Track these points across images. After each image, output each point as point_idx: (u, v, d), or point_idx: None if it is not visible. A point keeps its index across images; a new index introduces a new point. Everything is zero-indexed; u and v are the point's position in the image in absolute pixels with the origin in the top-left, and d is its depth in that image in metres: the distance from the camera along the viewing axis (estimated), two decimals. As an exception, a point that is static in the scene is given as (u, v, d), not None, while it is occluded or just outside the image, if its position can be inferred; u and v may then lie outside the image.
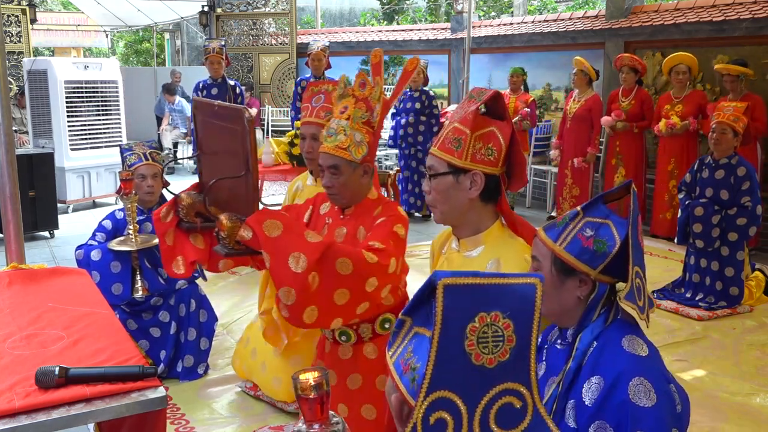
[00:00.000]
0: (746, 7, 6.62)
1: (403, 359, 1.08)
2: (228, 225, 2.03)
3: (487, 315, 1.01)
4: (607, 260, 1.55)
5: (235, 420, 3.13)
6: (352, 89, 2.35)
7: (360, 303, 2.10)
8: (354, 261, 2.03)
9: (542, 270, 1.63)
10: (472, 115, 1.87)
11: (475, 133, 1.87)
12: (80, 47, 23.85)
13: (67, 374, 1.60)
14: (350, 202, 2.38)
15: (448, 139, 1.90)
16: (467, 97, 1.99)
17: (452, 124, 1.92)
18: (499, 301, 1.02)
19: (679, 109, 6.15)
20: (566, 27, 8.24)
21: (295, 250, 1.95)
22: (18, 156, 3.73)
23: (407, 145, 7.26)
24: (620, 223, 1.58)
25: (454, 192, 1.90)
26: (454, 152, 1.88)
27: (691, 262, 4.72)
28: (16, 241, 3.07)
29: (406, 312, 1.11)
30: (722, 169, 4.48)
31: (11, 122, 3.09)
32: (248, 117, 1.98)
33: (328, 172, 2.30)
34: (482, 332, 1.00)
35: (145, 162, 3.42)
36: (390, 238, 2.18)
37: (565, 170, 7.04)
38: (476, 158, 1.88)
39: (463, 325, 1.00)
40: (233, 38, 11.40)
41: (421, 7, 19.60)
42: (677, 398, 1.50)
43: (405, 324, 1.12)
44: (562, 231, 1.61)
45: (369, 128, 2.32)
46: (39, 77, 7.56)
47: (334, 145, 2.28)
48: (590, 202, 1.64)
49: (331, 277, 2.00)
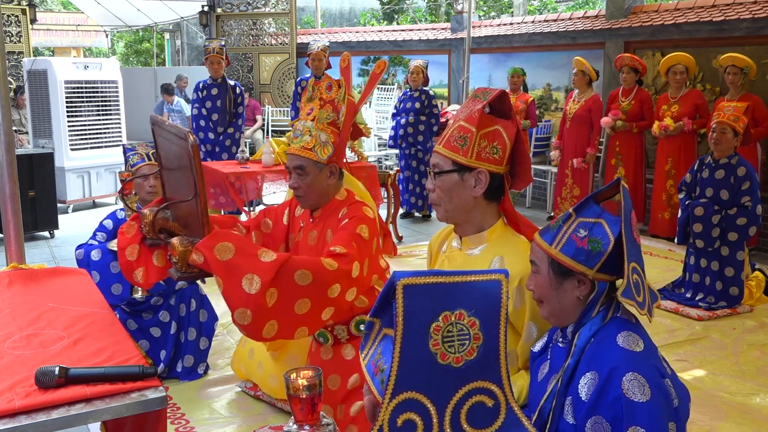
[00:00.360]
0: (746, 7, 6.62)
1: (374, 361, 1.09)
2: (179, 249, 2.00)
3: (451, 314, 1.00)
4: (603, 259, 1.56)
5: (235, 420, 3.13)
6: (319, 92, 2.35)
7: (323, 309, 2.08)
8: (313, 271, 2.01)
9: (540, 273, 1.64)
10: (477, 114, 1.88)
11: (480, 132, 1.88)
12: (80, 47, 23.86)
13: (67, 374, 1.60)
14: (317, 204, 2.37)
15: (454, 137, 1.90)
16: (472, 97, 1.99)
17: (457, 122, 1.92)
18: (463, 300, 1.01)
19: (675, 109, 6.15)
20: (566, 27, 8.24)
21: (249, 271, 1.93)
22: (18, 156, 3.73)
23: (407, 144, 7.27)
24: (613, 221, 1.59)
25: (459, 190, 1.91)
26: (459, 150, 1.89)
27: (691, 262, 4.72)
28: (16, 241, 3.07)
29: (373, 314, 1.11)
30: (722, 169, 4.48)
31: (11, 122, 3.09)
32: (191, 141, 1.94)
33: (295, 173, 2.31)
34: (447, 331, 1.00)
35: (147, 162, 3.40)
36: (353, 240, 2.16)
37: (565, 170, 7.04)
38: (481, 156, 1.89)
39: (427, 325, 0.99)
40: (233, 38, 11.40)
41: (421, 7, 19.60)
42: (673, 393, 1.50)
43: (374, 326, 1.12)
44: (556, 233, 1.62)
45: (334, 129, 2.31)
46: (39, 77, 7.56)
47: (300, 146, 2.28)
48: (582, 203, 1.65)
49: (290, 291, 1.98)
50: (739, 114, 4.45)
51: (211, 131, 6.80)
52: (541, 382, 1.70)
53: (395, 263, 5.63)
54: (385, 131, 9.73)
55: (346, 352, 2.49)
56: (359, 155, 6.10)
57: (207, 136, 6.81)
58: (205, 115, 6.78)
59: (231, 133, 6.87)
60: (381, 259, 2.44)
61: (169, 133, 2.13)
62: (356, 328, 2.44)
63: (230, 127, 6.86)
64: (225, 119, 6.83)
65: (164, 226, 2.20)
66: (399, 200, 6.57)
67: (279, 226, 2.52)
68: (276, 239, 2.51)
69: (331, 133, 2.30)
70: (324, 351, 2.52)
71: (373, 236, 2.26)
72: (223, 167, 5.90)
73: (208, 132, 6.80)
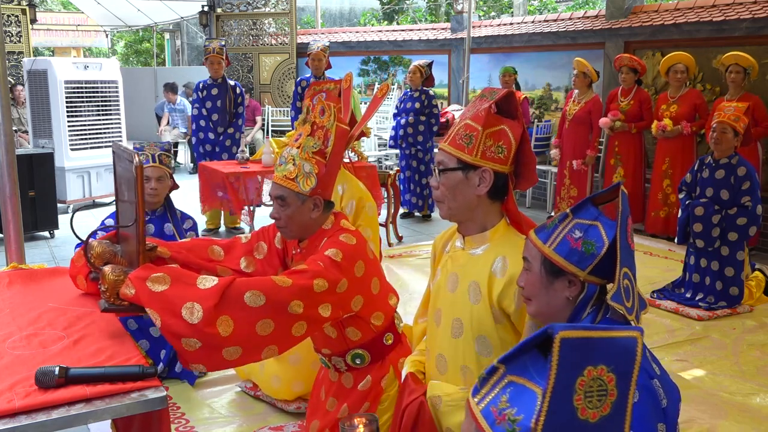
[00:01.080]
0: (746, 7, 6.62)
1: (496, 408, 1.06)
2: (110, 278, 1.89)
3: (594, 369, 1.00)
4: (595, 261, 1.57)
5: (235, 420, 3.13)
6: (313, 115, 2.23)
7: (291, 326, 1.97)
8: (263, 290, 1.91)
9: (532, 270, 1.66)
10: (484, 113, 1.89)
11: (486, 130, 1.89)
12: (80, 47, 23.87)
13: (67, 374, 1.60)
14: (299, 236, 2.26)
15: (459, 135, 1.91)
16: (479, 96, 2.00)
17: (464, 120, 1.93)
18: (605, 355, 1.01)
19: (674, 109, 6.15)
20: (566, 27, 8.24)
21: (188, 300, 1.82)
22: (18, 156, 3.73)
23: (407, 144, 7.27)
24: (609, 224, 1.59)
25: (463, 188, 1.92)
26: (464, 148, 1.89)
27: (691, 262, 4.72)
28: (16, 241, 3.08)
29: (502, 360, 1.09)
30: (722, 169, 4.48)
31: (11, 122, 3.09)
32: (137, 162, 1.87)
33: (276, 202, 2.19)
34: (589, 386, 1.00)
35: (151, 164, 3.37)
36: (318, 260, 2.07)
37: (563, 171, 7.04)
38: (486, 155, 1.89)
39: (574, 379, 0.99)
40: (233, 38, 11.40)
41: (421, 7, 19.60)
42: (662, 393, 1.50)
43: (497, 371, 1.10)
44: (551, 232, 1.63)
45: (320, 158, 2.17)
46: (39, 77, 7.56)
47: (282, 175, 2.16)
48: (579, 204, 1.65)
49: (244, 314, 1.87)
50: (739, 114, 4.45)
51: (211, 131, 6.80)
52: None
53: (395, 264, 5.63)
54: (385, 131, 9.72)
55: (345, 379, 2.49)
56: (359, 155, 6.10)
57: (207, 136, 6.81)
58: (205, 115, 6.78)
59: (231, 133, 6.87)
60: (375, 286, 2.29)
61: (124, 159, 2.03)
62: (353, 362, 2.42)
63: (230, 127, 6.86)
64: (225, 119, 6.83)
65: (111, 261, 2.10)
66: (399, 200, 6.57)
67: (273, 249, 2.38)
68: (273, 263, 2.37)
69: (316, 164, 2.15)
70: (331, 374, 2.54)
71: (351, 258, 2.13)
72: (223, 167, 5.90)
73: (208, 132, 6.80)
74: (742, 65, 5.68)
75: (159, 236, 3.33)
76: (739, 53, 5.76)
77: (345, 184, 3.14)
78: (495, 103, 1.90)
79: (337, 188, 3.14)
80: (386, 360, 2.44)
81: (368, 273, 2.22)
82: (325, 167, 2.18)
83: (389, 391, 2.43)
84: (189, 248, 2.27)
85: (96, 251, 2.09)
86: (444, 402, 1.97)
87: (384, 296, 2.39)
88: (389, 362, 2.44)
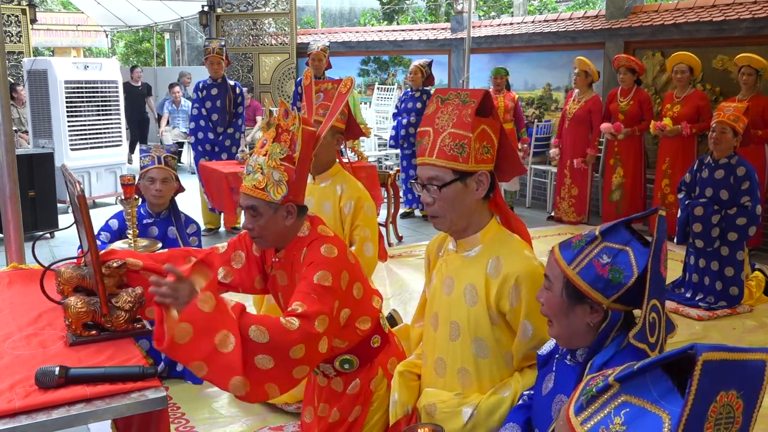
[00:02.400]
0: (746, 7, 6.62)
1: (607, 430, 0.99)
2: (73, 312, 1.85)
3: (726, 394, 0.93)
4: (621, 291, 1.47)
5: (235, 420, 3.13)
6: (277, 118, 2.15)
7: (294, 368, 1.93)
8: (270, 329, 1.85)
9: (553, 290, 1.57)
10: (471, 118, 1.87)
11: (475, 135, 1.88)
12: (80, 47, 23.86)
13: (67, 374, 1.60)
14: (275, 245, 2.21)
15: (448, 147, 1.88)
16: (438, 101, 1.94)
17: (447, 130, 1.89)
18: (738, 379, 0.94)
19: (678, 109, 6.15)
20: (566, 27, 8.24)
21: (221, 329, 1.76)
22: (18, 156, 3.73)
23: (409, 144, 7.26)
24: (641, 251, 1.48)
25: (463, 197, 1.90)
26: (458, 158, 1.87)
27: (690, 262, 4.72)
28: (16, 241, 3.07)
29: (618, 378, 1.01)
30: (722, 169, 4.48)
31: (11, 122, 3.09)
32: (78, 192, 1.81)
33: (247, 213, 2.13)
34: (719, 413, 0.93)
35: (156, 165, 3.36)
36: (312, 292, 2.01)
37: (563, 170, 7.04)
38: (478, 159, 1.89)
39: (707, 406, 0.92)
40: (233, 38, 11.39)
41: (421, 7, 19.60)
42: None
43: (610, 389, 1.02)
44: (577, 254, 1.52)
45: (289, 165, 2.10)
46: (39, 77, 7.56)
47: (251, 185, 2.10)
48: (611, 226, 1.54)
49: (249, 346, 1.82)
50: (739, 114, 4.45)
51: (210, 131, 6.80)
52: (545, 396, 1.65)
53: (395, 264, 5.63)
54: (385, 131, 9.72)
55: (335, 384, 2.48)
56: (359, 155, 6.10)
57: (207, 135, 6.81)
58: (205, 115, 6.78)
59: (231, 133, 6.87)
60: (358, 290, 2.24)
61: (69, 181, 1.96)
62: (341, 366, 2.39)
63: (230, 127, 6.86)
64: (225, 119, 6.82)
65: (81, 284, 2.06)
66: (399, 200, 6.57)
67: (251, 257, 2.32)
68: (251, 273, 2.31)
69: (285, 171, 2.09)
70: (320, 379, 2.53)
71: (338, 274, 2.08)
72: (223, 167, 5.91)
73: (208, 132, 6.80)
74: (754, 67, 5.69)
75: (162, 239, 3.33)
76: (752, 55, 5.77)
77: (343, 185, 3.13)
78: (477, 107, 1.88)
79: (336, 188, 3.14)
80: (374, 362, 2.43)
81: (351, 280, 2.16)
82: (295, 173, 2.11)
83: (379, 391, 2.41)
84: (165, 260, 2.20)
85: (64, 277, 2.05)
86: (439, 409, 1.96)
87: (368, 299, 2.34)
88: (377, 364, 2.42)
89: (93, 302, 1.89)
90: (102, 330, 1.89)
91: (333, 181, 3.15)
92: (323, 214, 3.00)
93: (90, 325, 1.89)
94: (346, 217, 3.10)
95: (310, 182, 3.10)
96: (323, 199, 3.11)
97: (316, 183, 3.11)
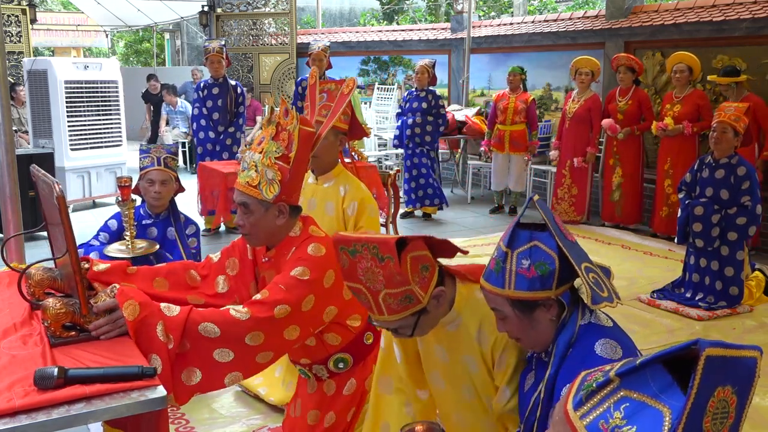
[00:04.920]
0: (746, 7, 6.62)
1: (607, 424, 1.00)
2: (52, 313, 1.83)
3: (723, 389, 0.96)
4: (555, 276, 1.57)
5: (235, 420, 3.13)
6: (278, 115, 2.14)
7: (256, 354, 1.95)
8: (218, 322, 1.88)
9: (507, 316, 1.64)
10: (400, 275, 1.72)
11: (412, 277, 1.75)
12: (80, 47, 23.88)
13: (66, 375, 1.59)
14: (265, 243, 2.21)
15: (396, 303, 1.76)
16: (349, 255, 1.76)
17: (381, 291, 1.75)
18: (733, 374, 0.96)
19: (678, 109, 6.16)
20: (566, 27, 8.24)
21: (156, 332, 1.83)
22: (18, 156, 3.73)
23: (414, 144, 7.26)
24: (545, 237, 1.59)
25: (437, 310, 1.83)
26: (410, 306, 1.76)
27: (691, 262, 4.72)
28: (16, 241, 3.08)
29: (619, 372, 1.02)
30: (722, 169, 4.48)
31: (11, 122, 3.09)
32: (57, 192, 1.79)
33: (240, 209, 2.13)
34: (716, 408, 0.96)
35: (156, 167, 3.34)
36: (281, 283, 2.02)
37: (563, 170, 7.04)
38: (425, 286, 1.77)
39: (707, 401, 0.94)
40: (233, 38, 11.39)
41: (421, 7, 19.60)
42: None
43: (610, 384, 1.03)
44: (503, 275, 1.61)
45: (284, 164, 2.09)
46: (39, 77, 7.56)
47: (245, 182, 2.10)
48: (510, 236, 1.61)
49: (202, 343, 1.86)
50: (740, 114, 4.45)
51: (211, 130, 6.80)
52: (526, 393, 1.70)
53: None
54: (385, 131, 9.72)
55: (327, 387, 2.47)
56: (359, 155, 6.09)
57: (207, 135, 6.81)
58: (206, 114, 6.78)
59: (232, 133, 6.87)
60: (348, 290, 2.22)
61: (44, 182, 1.94)
62: (335, 366, 2.38)
63: (231, 127, 6.86)
64: (226, 119, 6.83)
65: (52, 287, 2.04)
66: (399, 200, 6.57)
67: (245, 262, 2.32)
68: (246, 277, 2.31)
69: (279, 170, 2.08)
70: (309, 384, 2.51)
71: (320, 271, 2.08)
72: (223, 167, 5.90)
73: (209, 131, 6.80)
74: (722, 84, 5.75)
75: (161, 240, 3.32)
76: (718, 78, 5.92)
77: (347, 185, 3.12)
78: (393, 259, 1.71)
79: (339, 189, 3.13)
80: (368, 360, 2.42)
81: (340, 279, 2.13)
82: (289, 173, 2.10)
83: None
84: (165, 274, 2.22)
85: (35, 280, 2.03)
86: None
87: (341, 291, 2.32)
88: (371, 362, 2.41)
89: (72, 303, 1.87)
90: (81, 331, 1.87)
91: (336, 181, 3.14)
92: (326, 214, 2.99)
93: (69, 326, 1.87)
94: (350, 218, 3.09)
95: (312, 182, 3.10)
96: (326, 200, 3.10)
97: (319, 183, 3.11)
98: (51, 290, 2.05)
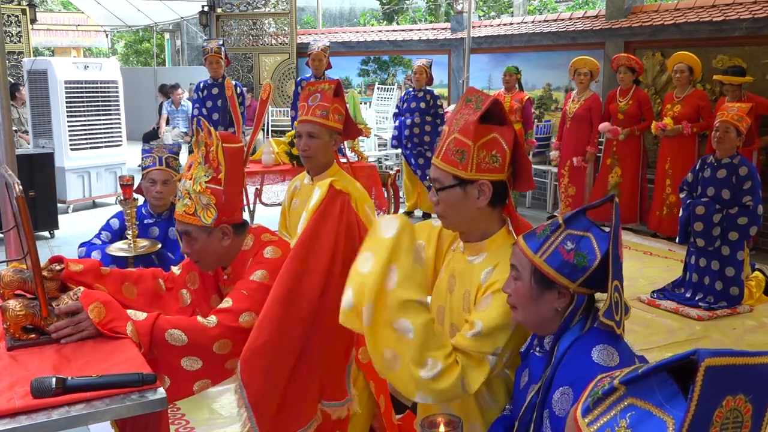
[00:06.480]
0: (746, 7, 6.62)
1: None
2: (11, 315, 1.80)
3: (733, 399, 0.93)
4: (587, 274, 1.54)
5: (235, 420, 3.12)
6: (204, 135, 2.09)
7: (224, 362, 1.96)
8: (186, 330, 1.89)
9: (522, 279, 1.61)
10: (473, 126, 1.81)
11: (477, 143, 1.81)
12: (80, 47, 23.88)
13: (64, 385, 1.57)
14: (218, 265, 2.18)
15: (451, 151, 1.84)
16: (463, 101, 1.91)
17: (453, 134, 1.86)
18: (746, 383, 0.94)
19: (678, 109, 6.16)
20: (566, 27, 8.24)
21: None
22: (18, 156, 3.73)
23: (413, 144, 7.26)
24: (601, 236, 1.57)
25: (463, 203, 1.85)
26: (458, 164, 1.82)
27: (691, 262, 4.72)
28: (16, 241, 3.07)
29: (624, 380, 1.02)
30: (724, 169, 4.48)
31: (11, 122, 3.09)
32: (17, 193, 1.76)
33: (183, 238, 2.10)
34: (726, 418, 0.93)
35: (158, 167, 3.34)
36: (243, 288, 2.01)
37: (562, 170, 7.04)
38: (481, 167, 1.82)
39: (712, 411, 0.92)
40: (233, 38, 11.40)
41: (421, 7, 19.60)
42: None
43: (616, 392, 1.03)
44: (543, 242, 1.59)
45: (216, 186, 2.05)
46: (39, 77, 7.56)
47: (182, 211, 2.07)
48: (572, 214, 1.62)
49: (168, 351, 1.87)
50: (742, 114, 4.45)
51: (211, 131, 6.80)
52: (522, 390, 1.68)
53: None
54: (384, 131, 9.72)
55: None
56: (359, 155, 6.10)
57: (207, 135, 6.81)
58: (206, 114, 6.79)
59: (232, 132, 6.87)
60: None
61: (7, 182, 1.93)
62: None
63: (231, 127, 6.86)
64: (225, 119, 6.83)
65: (22, 288, 2.01)
66: (399, 200, 6.57)
67: (205, 276, 2.30)
68: (207, 292, 2.29)
69: (212, 194, 2.04)
70: None
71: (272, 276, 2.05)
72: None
73: (208, 132, 6.80)
74: (734, 84, 5.72)
75: (163, 240, 3.32)
76: (729, 77, 5.85)
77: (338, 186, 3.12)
78: (482, 114, 1.82)
79: (336, 190, 3.13)
80: None
81: None
82: (223, 194, 2.05)
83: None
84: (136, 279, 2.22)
85: (4, 281, 2.01)
86: None
87: None
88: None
89: (32, 305, 1.84)
90: (42, 333, 1.85)
91: None
92: (322, 215, 2.99)
93: (29, 329, 1.84)
94: None
95: (308, 183, 3.10)
96: None
97: (314, 184, 3.11)
98: (21, 292, 2.02)
